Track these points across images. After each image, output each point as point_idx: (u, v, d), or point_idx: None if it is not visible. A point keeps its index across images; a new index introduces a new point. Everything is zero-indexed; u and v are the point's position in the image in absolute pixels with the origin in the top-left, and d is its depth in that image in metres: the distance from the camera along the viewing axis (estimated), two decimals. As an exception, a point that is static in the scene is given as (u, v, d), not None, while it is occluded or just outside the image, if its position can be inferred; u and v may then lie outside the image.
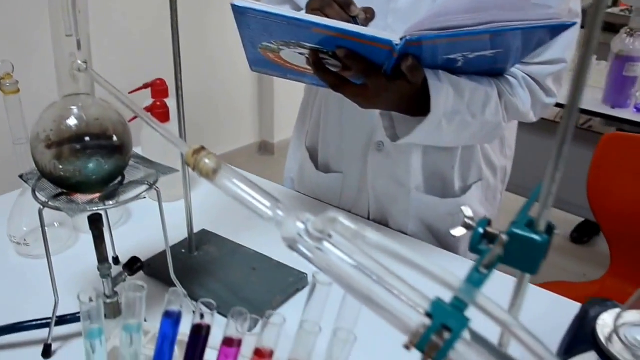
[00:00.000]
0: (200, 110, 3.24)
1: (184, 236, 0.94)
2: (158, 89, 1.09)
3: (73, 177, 0.68)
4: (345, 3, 0.79)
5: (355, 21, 0.80)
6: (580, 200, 1.49)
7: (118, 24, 2.75)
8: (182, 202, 0.91)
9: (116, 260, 0.90)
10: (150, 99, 1.09)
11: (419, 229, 1.05)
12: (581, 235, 2.83)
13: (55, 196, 0.70)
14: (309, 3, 0.81)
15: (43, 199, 0.69)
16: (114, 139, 0.70)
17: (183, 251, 0.94)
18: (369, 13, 0.81)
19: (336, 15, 0.78)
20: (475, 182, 1.05)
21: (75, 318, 0.77)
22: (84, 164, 0.68)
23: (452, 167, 1.01)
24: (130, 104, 0.62)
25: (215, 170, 0.51)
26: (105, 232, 0.72)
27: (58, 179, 0.69)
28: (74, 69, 0.66)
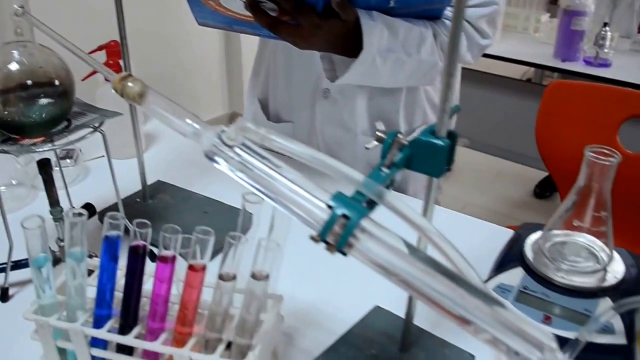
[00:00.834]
0: (170, 82, 3.24)
1: (140, 188, 0.97)
2: (112, 50, 1.12)
3: (18, 121, 0.71)
4: None
5: None
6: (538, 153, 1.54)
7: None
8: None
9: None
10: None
11: (368, 172, 1.08)
12: (543, 190, 2.90)
13: (3, 141, 0.73)
14: None
15: (-11, 143, 0.72)
16: (57, 84, 0.73)
17: (138, 200, 0.97)
18: None
19: None
20: (420, 126, 1.08)
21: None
22: (29, 108, 0.71)
23: (397, 111, 1.05)
24: (70, 47, 0.65)
25: (142, 94, 0.54)
26: (62, 189, 0.75)
27: (4, 124, 0.72)
28: (13, 14, 0.68)
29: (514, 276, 0.73)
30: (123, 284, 0.61)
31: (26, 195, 1.03)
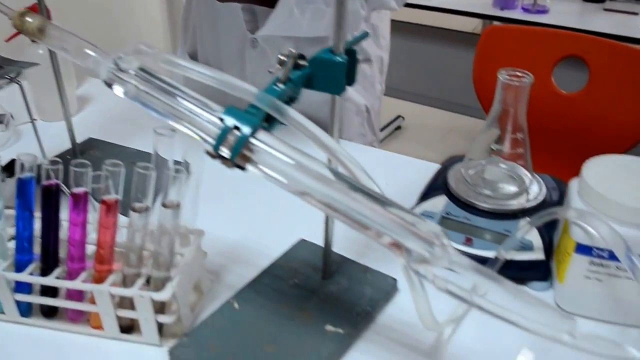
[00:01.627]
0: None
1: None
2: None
3: None
4: None
5: None
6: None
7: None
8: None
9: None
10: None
11: (300, 119, 1.08)
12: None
13: None
14: None
15: None
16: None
17: (68, 157, 0.96)
18: None
19: None
20: None
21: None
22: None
23: None
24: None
25: (41, 29, 0.53)
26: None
27: None
28: None
29: (437, 204, 0.74)
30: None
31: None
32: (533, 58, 1.38)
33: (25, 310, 0.62)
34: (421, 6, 2.28)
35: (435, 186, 0.78)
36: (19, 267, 0.61)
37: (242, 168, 0.46)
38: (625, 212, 0.59)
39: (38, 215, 0.60)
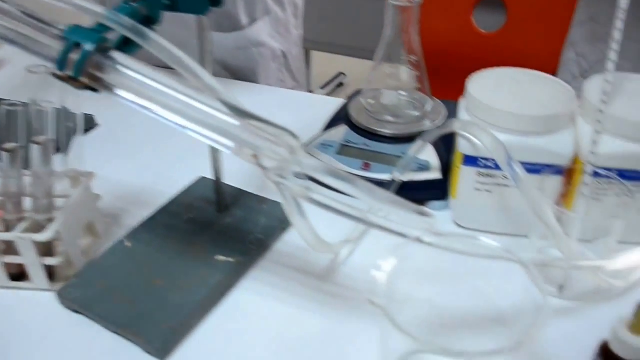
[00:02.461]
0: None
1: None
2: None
3: None
4: None
5: None
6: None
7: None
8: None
9: None
10: None
11: (215, 68, 1.06)
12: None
13: None
14: None
15: None
16: None
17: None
18: None
19: None
20: (262, 17, 1.07)
21: None
22: None
23: (234, 3, 1.03)
24: None
25: None
26: None
27: None
28: None
29: (337, 133, 0.74)
30: None
31: None
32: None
33: None
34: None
35: (337, 117, 0.77)
36: None
37: (95, 90, 0.45)
38: (509, 120, 0.59)
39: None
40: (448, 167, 0.68)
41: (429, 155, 0.69)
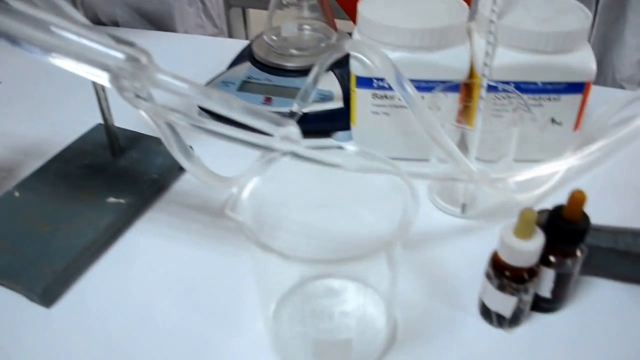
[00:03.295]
0: None
1: None
2: None
3: None
4: None
5: None
6: None
7: None
8: None
9: None
10: None
11: (130, 15, 1.03)
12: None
13: None
14: None
15: None
16: None
17: None
18: None
19: None
20: None
21: None
22: None
23: None
24: None
25: None
26: None
27: None
28: None
29: (240, 71, 0.71)
30: None
31: None
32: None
33: None
34: None
35: (241, 56, 0.75)
36: None
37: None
38: (400, 35, 0.57)
39: None
40: (348, 96, 0.66)
41: (331, 84, 0.67)
